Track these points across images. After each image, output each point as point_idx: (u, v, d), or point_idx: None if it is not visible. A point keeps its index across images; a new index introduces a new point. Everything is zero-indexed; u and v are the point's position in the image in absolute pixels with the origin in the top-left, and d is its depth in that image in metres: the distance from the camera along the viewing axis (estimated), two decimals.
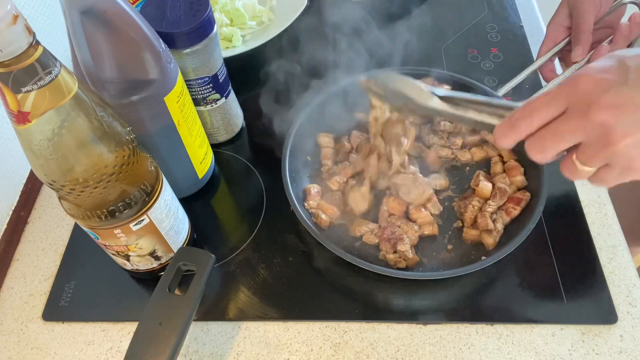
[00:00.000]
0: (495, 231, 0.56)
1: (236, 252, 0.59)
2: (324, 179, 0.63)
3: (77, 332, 0.55)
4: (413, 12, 0.87)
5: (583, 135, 0.33)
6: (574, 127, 0.33)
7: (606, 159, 0.33)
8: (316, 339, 0.53)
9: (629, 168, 0.33)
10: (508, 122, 0.36)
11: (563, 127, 0.33)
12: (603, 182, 0.35)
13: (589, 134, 0.32)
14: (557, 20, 0.64)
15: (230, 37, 0.78)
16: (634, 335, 0.51)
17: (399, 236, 0.55)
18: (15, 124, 0.36)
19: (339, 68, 0.70)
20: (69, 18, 0.42)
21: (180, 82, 0.52)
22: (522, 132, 0.36)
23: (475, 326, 0.53)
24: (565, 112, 0.33)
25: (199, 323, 0.55)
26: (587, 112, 0.32)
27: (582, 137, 0.33)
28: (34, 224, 0.65)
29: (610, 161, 0.33)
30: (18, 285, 0.59)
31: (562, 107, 0.33)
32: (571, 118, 0.33)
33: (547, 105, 0.34)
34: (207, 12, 0.54)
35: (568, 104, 0.33)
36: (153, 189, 0.48)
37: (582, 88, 0.32)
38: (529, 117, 0.35)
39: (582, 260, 0.56)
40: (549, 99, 0.34)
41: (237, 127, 0.70)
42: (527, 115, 0.35)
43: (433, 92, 0.45)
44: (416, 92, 0.46)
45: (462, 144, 0.65)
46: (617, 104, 0.31)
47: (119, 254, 0.51)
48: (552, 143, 0.34)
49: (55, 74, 0.35)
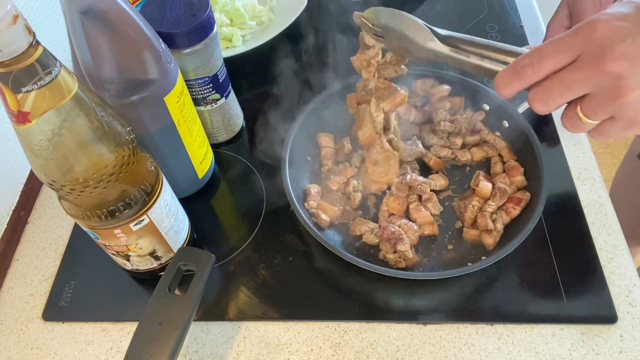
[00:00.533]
0: (495, 231, 0.56)
1: (236, 252, 0.59)
2: (324, 179, 0.63)
3: (77, 332, 0.55)
4: (413, 12, 0.87)
5: (592, 85, 0.31)
6: (584, 76, 0.31)
7: (612, 112, 0.32)
8: (316, 339, 0.53)
9: (634, 122, 0.31)
10: (512, 69, 0.34)
11: (573, 76, 0.31)
12: (604, 135, 0.34)
13: (599, 85, 0.31)
14: (557, 20, 0.64)
15: (230, 37, 0.78)
16: (634, 335, 0.51)
17: (399, 236, 0.55)
18: (15, 124, 0.36)
19: (339, 67, 0.70)
20: (69, 18, 0.42)
21: (180, 82, 0.52)
22: (527, 80, 0.34)
23: (475, 326, 0.53)
24: (576, 60, 0.32)
25: (199, 323, 0.55)
26: (600, 61, 0.30)
27: (591, 87, 0.31)
28: (34, 224, 0.65)
29: (616, 114, 0.32)
30: (18, 285, 0.59)
31: (574, 55, 0.32)
32: (582, 67, 0.31)
33: (557, 51, 0.32)
34: (207, 12, 0.54)
35: (581, 51, 0.31)
36: (153, 189, 0.48)
37: (598, 35, 0.31)
38: (537, 64, 0.33)
39: (582, 260, 0.56)
40: (560, 45, 0.32)
41: (237, 127, 0.70)
42: (536, 62, 0.33)
43: (435, 31, 0.42)
44: (416, 31, 0.42)
45: (462, 144, 0.65)
46: (632, 55, 0.30)
47: (119, 254, 0.51)
48: (559, 93, 0.32)
49: (55, 74, 0.35)
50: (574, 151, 0.65)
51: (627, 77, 0.30)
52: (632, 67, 0.30)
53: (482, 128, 0.65)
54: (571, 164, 0.64)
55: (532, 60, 0.33)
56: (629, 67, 0.30)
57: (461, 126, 0.65)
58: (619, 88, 0.30)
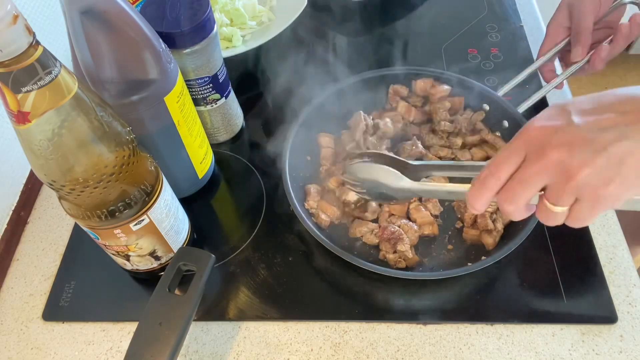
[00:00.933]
0: (495, 231, 0.56)
1: (236, 252, 0.59)
2: (322, 179, 0.63)
3: (77, 332, 0.55)
4: (413, 12, 0.87)
5: (545, 176, 0.35)
6: (535, 170, 0.35)
7: (573, 193, 0.34)
8: (316, 339, 0.53)
9: (598, 198, 0.34)
10: (478, 183, 0.38)
11: (525, 173, 0.35)
12: (580, 220, 0.36)
13: (550, 174, 0.34)
14: (557, 20, 0.64)
15: (230, 37, 0.78)
16: (634, 335, 0.51)
17: (399, 236, 0.55)
18: (15, 124, 0.36)
19: (340, 67, 0.70)
20: (69, 18, 0.42)
21: (180, 82, 0.52)
22: (492, 189, 0.37)
23: (475, 326, 0.53)
24: (524, 160, 0.35)
25: (199, 323, 0.55)
26: (542, 154, 0.34)
27: (545, 178, 0.35)
28: (34, 224, 0.65)
29: (578, 195, 0.34)
30: (18, 285, 0.59)
31: (521, 156, 0.35)
32: (530, 163, 0.35)
33: (508, 157, 0.36)
34: (207, 12, 0.54)
35: (525, 152, 0.35)
36: (153, 189, 0.48)
37: (533, 135, 0.35)
38: (496, 173, 0.36)
39: (582, 260, 0.56)
40: (508, 152, 0.36)
41: (237, 127, 0.70)
42: (494, 171, 0.37)
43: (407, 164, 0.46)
44: (386, 175, 0.47)
45: (462, 144, 0.65)
46: (567, 142, 0.33)
47: (119, 254, 0.51)
48: (520, 191, 0.36)
49: (55, 74, 0.35)
50: None
51: (570, 160, 0.33)
52: (571, 151, 0.33)
53: (482, 128, 0.64)
54: None
55: (491, 171, 0.37)
56: (568, 151, 0.33)
57: (461, 126, 0.64)
58: (568, 171, 0.33)
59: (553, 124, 0.35)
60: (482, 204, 0.38)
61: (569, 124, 0.34)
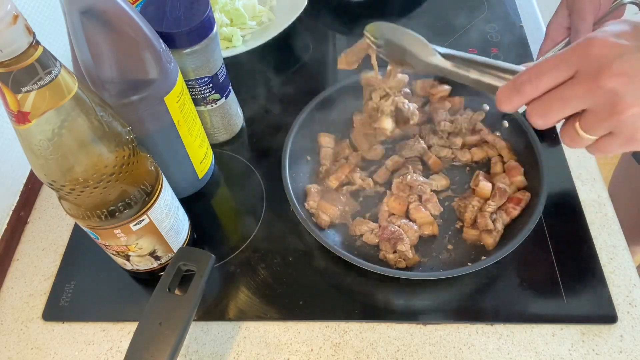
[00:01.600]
0: (495, 231, 0.56)
1: (236, 252, 0.59)
2: (322, 179, 0.63)
3: (77, 332, 0.55)
4: (413, 12, 0.87)
5: (590, 101, 0.32)
6: (581, 92, 0.32)
7: (610, 128, 0.32)
8: (316, 339, 0.53)
9: (632, 138, 0.32)
10: (512, 85, 0.35)
11: (570, 92, 0.32)
12: (602, 151, 0.34)
13: (596, 101, 0.31)
14: (557, 20, 0.64)
15: (230, 37, 0.78)
16: (634, 335, 0.51)
17: (399, 236, 0.55)
18: (15, 124, 0.36)
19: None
20: (69, 18, 0.42)
21: (180, 82, 0.52)
22: (526, 96, 0.34)
23: (475, 326, 0.53)
24: (573, 77, 0.32)
25: (199, 323, 0.55)
26: (597, 77, 0.31)
27: (589, 103, 0.32)
28: (34, 224, 0.65)
29: (615, 130, 0.32)
30: (18, 285, 0.59)
31: (571, 71, 0.32)
32: (580, 83, 0.32)
33: (555, 68, 0.33)
34: (207, 12, 0.54)
35: (578, 68, 0.32)
36: (153, 189, 0.48)
37: (595, 52, 0.31)
38: (535, 80, 0.33)
39: (582, 260, 0.56)
40: (558, 61, 0.33)
41: (237, 127, 0.70)
42: (534, 78, 0.33)
43: (435, 48, 0.43)
44: (418, 46, 0.44)
45: (462, 144, 0.65)
46: (629, 72, 0.30)
47: (119, 254, 0.51)
48: (557, 108, 0.33)
49: (55, 74, 0.35)
50: (574, 151, 0.65)
51: (624, 94, 0.30)
52: (630, 84, 0.30)
53: (482, 128, 0.65)
54: (571, 164, 0.64)
55: (531, 77, 0.34)
56: (626, 84, 0.30)
57: (461, 126, 0.64)
58: (617, 104, 0.30)
59: (621, 43, 0.31)
60: (511, 107, 0.36)
61: (638, 50, 0.30)
